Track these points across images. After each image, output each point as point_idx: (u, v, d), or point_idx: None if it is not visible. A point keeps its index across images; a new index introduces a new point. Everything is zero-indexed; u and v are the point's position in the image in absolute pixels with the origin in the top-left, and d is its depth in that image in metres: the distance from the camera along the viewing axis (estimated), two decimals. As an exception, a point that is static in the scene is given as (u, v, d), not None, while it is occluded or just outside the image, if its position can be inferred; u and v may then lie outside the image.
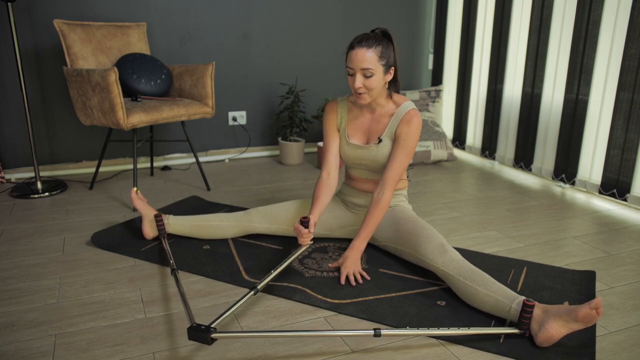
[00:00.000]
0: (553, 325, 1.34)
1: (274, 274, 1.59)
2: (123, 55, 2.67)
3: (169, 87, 2.74)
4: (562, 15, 2.77)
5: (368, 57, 1.66)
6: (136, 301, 1.60)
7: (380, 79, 1.71)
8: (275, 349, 1.37)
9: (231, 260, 1.87)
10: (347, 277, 1.72)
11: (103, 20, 2.91)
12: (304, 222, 1.75)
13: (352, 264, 1.74)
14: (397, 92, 1.84)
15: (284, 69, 3.45)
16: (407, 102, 1.81)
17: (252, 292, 1.48)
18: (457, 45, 3.62)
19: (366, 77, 1.69)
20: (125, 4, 2.94)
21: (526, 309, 1.37)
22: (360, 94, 1.73)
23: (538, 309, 1.39)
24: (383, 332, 1.33)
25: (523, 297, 1.43)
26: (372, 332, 1.31)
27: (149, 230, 2.02)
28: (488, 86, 3.33)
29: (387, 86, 1.79)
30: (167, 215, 2.03)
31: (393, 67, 1.75)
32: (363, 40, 1.68)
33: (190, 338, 1.27)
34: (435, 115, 3.48)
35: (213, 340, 1.26)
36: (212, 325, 1.29)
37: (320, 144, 3.19)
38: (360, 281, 1.70)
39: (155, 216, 1.98)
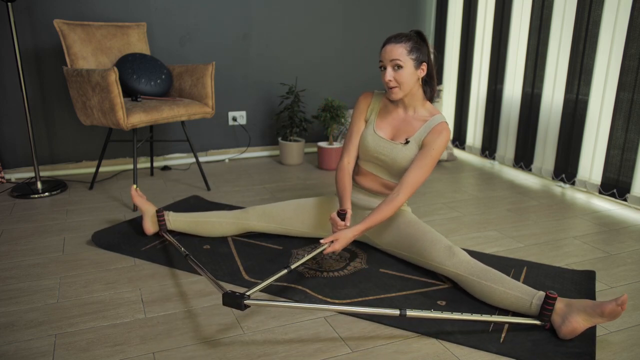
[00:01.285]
0: (577, 318, 1.38)
1: (307, 257, 1.63)
2: (123, 55, 2.67)
3: (169, 87, 2.74)
4: (562, 15, 2.77)
5: (397, 50, 1.70)
6: (136, 301, 1.60)
7: (410, 73, 1.72)
8: (275, 349, 1.37)
9: (231, 260, 1.87)
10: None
11: (103, 20, 2.91)
12: (342, 214, 1.76)
13: (343, 238, 1.68)
14: (433, 95, 1.84)
15: (284, 69, 3.45)
16: (440, 115, 1.82)
17: (286, 270, 1.55)
18: (457, 45, 3.62)
19: (395, 70, 1.72)
20: (125, 4, 2.94)
21: (548, 301, 1.41)
22: (391, 87, 1.75)
23: (560, 303, 1.43)
24: (408, 313, 1.38)
25: (542, 292, 1.47)
26: (397, 311, 1.38)
27: (150, 226, 2.04)
28: (488, 86, 3.33)
29: (421, 84, 1.79)
30: (166, 212, 2.06)
31: (425, 63, 1.76)
32: (394, 37, 1.73)
33: (224, 304, 1.36)
34: (435, 115, 3.48)
35: (246, 306, 1.35)
36: (247, 294, 1.38)
37: (321, 144, 3.19)
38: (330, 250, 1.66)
39: (157, 212, 2.02)
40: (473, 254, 1.95)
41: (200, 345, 1.38)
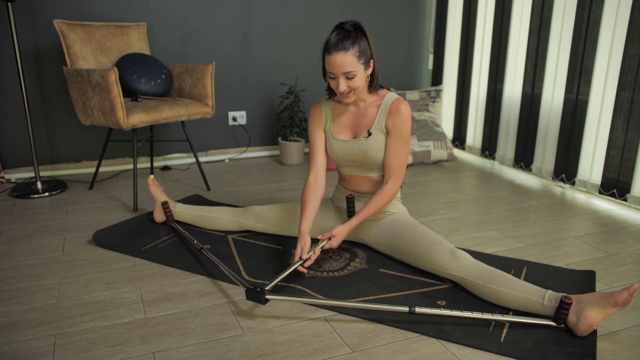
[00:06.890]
0: (591, 313, 1.40)
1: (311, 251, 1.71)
2: (123, 55, 2.67)
3: (169, 87, 2.74)
4: (562, 15, 2.77)
5: (348, 60, 1.63)
6: (136, 301, 1.60)
7: (362, 77, 1.70)
8: (275, 348, 1.37)
9: (231, 259, 1.87)
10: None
11: (103, 20, 2.91)
12: (350, 197, 1.87)
13: (339, 234, 1.75)
14: (376, 81, 1.78)
15: (284, 69, 3.45)
16: (390, 93, 1.79)
17: (300, 262, 1.66)
18: (457, 45, 3.62)
19: (349, 78, 1.67)
20: (125, 4, 2.94)
21: (564, 306, 1.41)
22: (345, 94, 1.72)
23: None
24: (417, 309, 1.44)
25: (550, 291, 1.48)
26: (407, 308, 1.45)
27: (158, 215, 2.18)
28: (488, 86, 3.33)
29: (368, 79, 1.77)
30: (175, 203, 2.17)
31: (372, 60, 1.72)
32: (339, 43, 1.63)
33: (248, 298, 1.51)
34: (435, 115, 3.48)
35: (267, 300, 1.49)
36: (266, 289, 1.52)
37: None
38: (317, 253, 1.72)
39: (163, 203, 2.13)
40: (473, 253, 1.95)
41: (200, 345, 1.38)
